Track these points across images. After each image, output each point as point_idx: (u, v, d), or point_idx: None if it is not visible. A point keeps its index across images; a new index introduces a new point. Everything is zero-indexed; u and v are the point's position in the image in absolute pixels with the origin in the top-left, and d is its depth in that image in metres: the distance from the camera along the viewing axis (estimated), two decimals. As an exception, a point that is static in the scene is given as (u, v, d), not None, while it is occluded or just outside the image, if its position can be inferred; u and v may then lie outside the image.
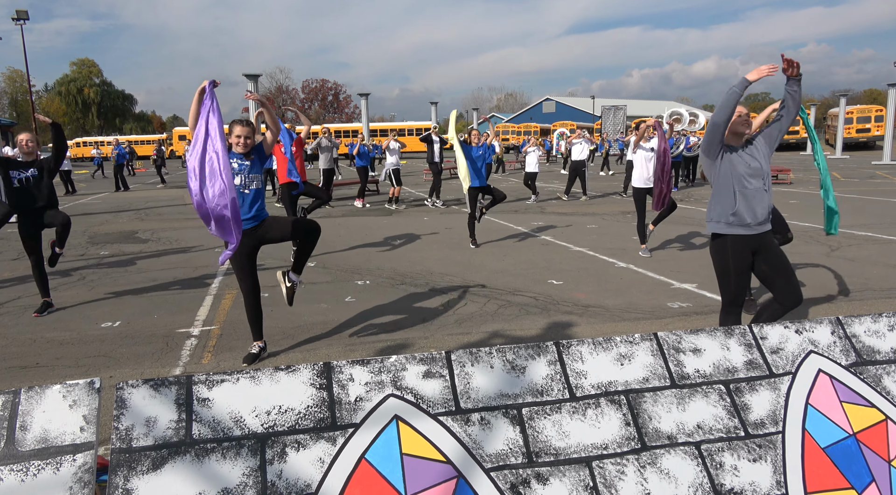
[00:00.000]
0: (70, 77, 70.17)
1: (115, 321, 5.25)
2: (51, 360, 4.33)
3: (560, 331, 4.76)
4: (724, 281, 3.69)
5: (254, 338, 4.29)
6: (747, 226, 3.53)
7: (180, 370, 4.13)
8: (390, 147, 13.74)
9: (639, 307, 5.40)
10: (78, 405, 1.70)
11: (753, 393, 2.12)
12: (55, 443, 1.65)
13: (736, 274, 3.60)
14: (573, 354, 2.10)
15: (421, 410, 1.90)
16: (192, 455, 1.71)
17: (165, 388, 1.79)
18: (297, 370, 1.91)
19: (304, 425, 1.82)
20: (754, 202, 3.49)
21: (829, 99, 64.67)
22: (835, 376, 2.19)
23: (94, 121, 70.00)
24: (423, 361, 2.00)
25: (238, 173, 4.05)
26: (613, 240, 8.87)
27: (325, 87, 79.92)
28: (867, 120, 38.79)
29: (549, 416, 1.97)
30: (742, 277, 3.62)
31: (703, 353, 2.18)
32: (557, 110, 64.18)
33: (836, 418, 2.09)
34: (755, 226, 3.53)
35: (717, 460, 1.97)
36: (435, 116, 31.90)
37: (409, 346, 4.49)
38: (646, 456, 1.94)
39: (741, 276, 3.61)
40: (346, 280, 6.60)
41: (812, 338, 2.27)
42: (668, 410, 2.04)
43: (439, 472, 1.80)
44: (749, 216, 3.50)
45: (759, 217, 3.52)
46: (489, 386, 1.99)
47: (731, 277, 3.63)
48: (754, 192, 3.49)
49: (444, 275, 6.69)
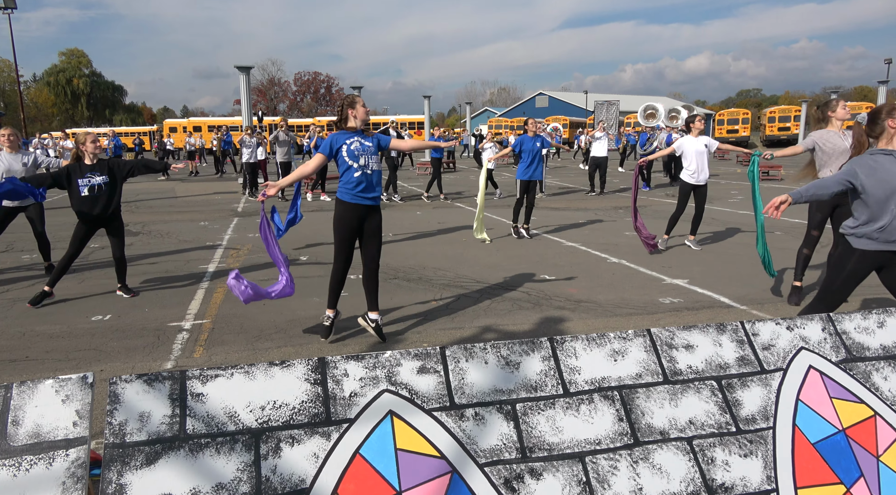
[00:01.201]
0: (59, 67, 69.31)
1: (105, 314, 5.21)
2: (41, 354, 4.30)
3: (552, 326, 4.78)
4: (845, 284, 3.43)
5: (327, 305, 4.45)
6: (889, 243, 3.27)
7: (172, 364, 4.11)
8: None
9: (631, 302, 5.43)
10: (71, 400, 1.69)
11: (745, 389, 2.14)
12: (48, 438, 1.64)
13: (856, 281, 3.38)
14: (567, 350, 2.11)
15: (415, 405, 1.91)
16: (185, 450, 1.71)
17: (159, 383, 1.78)
18: (291, 365, 1.90)
19: (298, 420, 1.82)
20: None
21: (820, 96, 65.03)
22: (825, 372, 2.21)
23: (84, 112, 69.24)
24: (417, 357, 2.00)
25: (362, 154, 4.18)
26: (606, 236, 8.90)
27: (318, 79, 79.53)
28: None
29: (543, 412, 1.98)
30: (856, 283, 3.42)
31: (696, 349, 2.20)
32: (550, 105, 64.13)
33: (826, 414, 2.12)
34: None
35: (709, 455, 1.98)
36: (428, 110, 31.80)
37: (401, 341, 4.50)
38: (638, 452, 1.95)
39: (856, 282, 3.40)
40: (339, 274, 6.58)
41: (803, 335, 2.29)
42: (660, 406, 2.05)
43: (433, 467, 1.81)
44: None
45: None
46: (483, 381, 2.00)
47: (851, 283, 3.40)
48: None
49: (437, 270, 6.69)
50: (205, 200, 14.24)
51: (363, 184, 4.20)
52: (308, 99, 79.43)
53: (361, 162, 4.17)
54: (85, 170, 5.34)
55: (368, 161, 4.20)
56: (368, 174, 4.20)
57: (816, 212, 5.21)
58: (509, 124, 47.64)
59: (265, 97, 75.17)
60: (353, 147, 4.17)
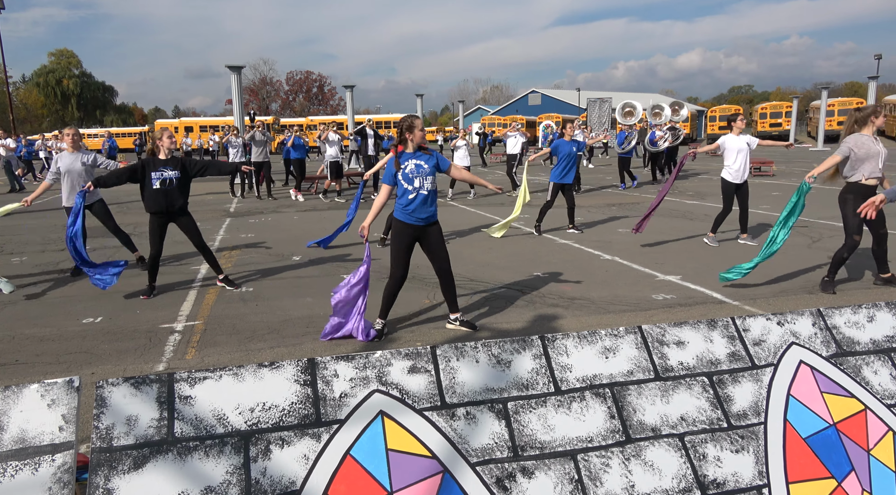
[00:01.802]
0: (48, 68, 68.80)
1: (96, 316, 5.17)
2: (31, 357, 4.26)
3: (546, 324, 4.78)
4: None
5: (379, 315, 4.57)
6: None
7: (164, 366, 4.08)
8: (329, 139, 13.50)
9: (624, 299, 5.44)
10: (56, 404, 1.67)
11: (736, 384, 2.14)
12: (33, 443, 1.62)
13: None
14: (558, 348, 2.11)
15: (406, 405, 1.90)
16: (174, 453, 1.69)
17: (146, 386, 1.77)
18: (280, 366, 1.89)
19: (288, 422, 1.80)
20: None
21: (810, 91, 65.35)
22: (816, 367, 2.21)
23: (74, 113, 68.75)
24: (408, 356, 1.99)
25: (416, 176, 4.34)
26: (599, 233, 8.91)
27: (310, 78, 79.28)
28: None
29: (535, 410, 1.97)
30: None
31: (687, 346, 2.20)
32: (543, 102, 64.17)
33: (817, 408, 2.12)
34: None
35: (701, 451, 1.98)
36: (420, 108, 31.74)
37: (394, 340, 4.49)
38: (630, 449, 1.95)
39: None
40: (333, 274, 6.56)
41: (794, 330, 2.29)
42: (652, 403, 2.05)
43: (425, 467, 1.80)
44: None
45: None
46: (474, 380, 1.99)
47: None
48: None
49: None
50: (197, 200, 14.16)
51: (416, 205, 4.37)
52: (300, 98, 79.15)
53: (416, 184, 4.35)
54: (158, 164, 5.51)
55: (423, 182, 4.36)
56: (424, 195, 4.37)
57: (856, 217, 5.22)
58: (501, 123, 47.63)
59: (257, 96, 74.91)
60: (408, 170, 4.36)
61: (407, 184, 4.36)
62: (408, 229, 4.44)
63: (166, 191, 5.50)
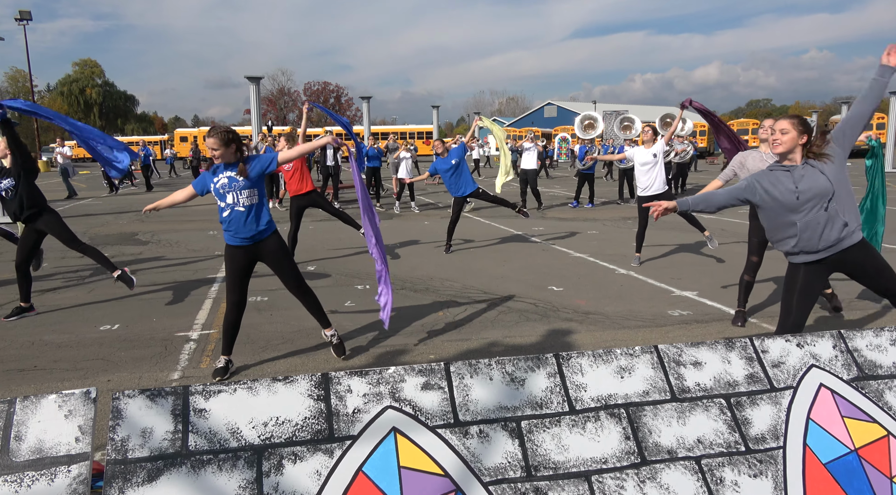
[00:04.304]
0: (72, 77, 70.27)
1: (113, 324, 5.23)
2: (49, 363, 4.31)
3: (560, 339, 4.74)
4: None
5: (222, 352, 4.08)
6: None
7: (179, 374, 4.11)
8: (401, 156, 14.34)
9: (639, 315, 5.39)
10: (73, 415, 1.69)
11: (754, 407, 2.10)
12: (50, 454, 1.64)
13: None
14: (573, 366, 2.09)
15: (419, 422, 1.89)
16: (188, 467, 1.70)
17: (162, 399, 1.78)
18: (294, 381, 1.89)
19: (301, 437, 1.80)
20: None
21: (830, 106, 64.68)
22: (836, 391, 2.17)
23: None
24: (421, 373, 1.98)
25: (230, 191, 3.87)
26: (614, 247, 8.85)
27: (328, 89, 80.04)
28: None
29: (549, 429, 1.95)
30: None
31: (704, 366, 2.17)
32: (559, 115, 64.18)
33: (838, 433, 2.08)
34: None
35: (718, 475, 1.95)
36: (436, 119, 31.92)
37: (407, 352, 4.48)
38: (645, 471, 1.92)
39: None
40: (346, 284, 6.58)
41: (813, 352, 2.25)
42: (668, 424, 2.02)
43: (437, 486, 1.79)
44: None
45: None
46: (488, 398, 1.98)
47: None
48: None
49: (444, 281, 6.68)
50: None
51: (235, 224, 3.92)
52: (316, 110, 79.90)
53: (229, 200, 3.89)
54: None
55: (237, 198, 3.88)
56: (241, 212, 3.89)
57: (752, 236, 5.06)
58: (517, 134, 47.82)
59: (275, 107, 75.76)
60: (220, 185, 3.88)
61: (220, 201, 3.90)
62: (236, 251, 3.98)
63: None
